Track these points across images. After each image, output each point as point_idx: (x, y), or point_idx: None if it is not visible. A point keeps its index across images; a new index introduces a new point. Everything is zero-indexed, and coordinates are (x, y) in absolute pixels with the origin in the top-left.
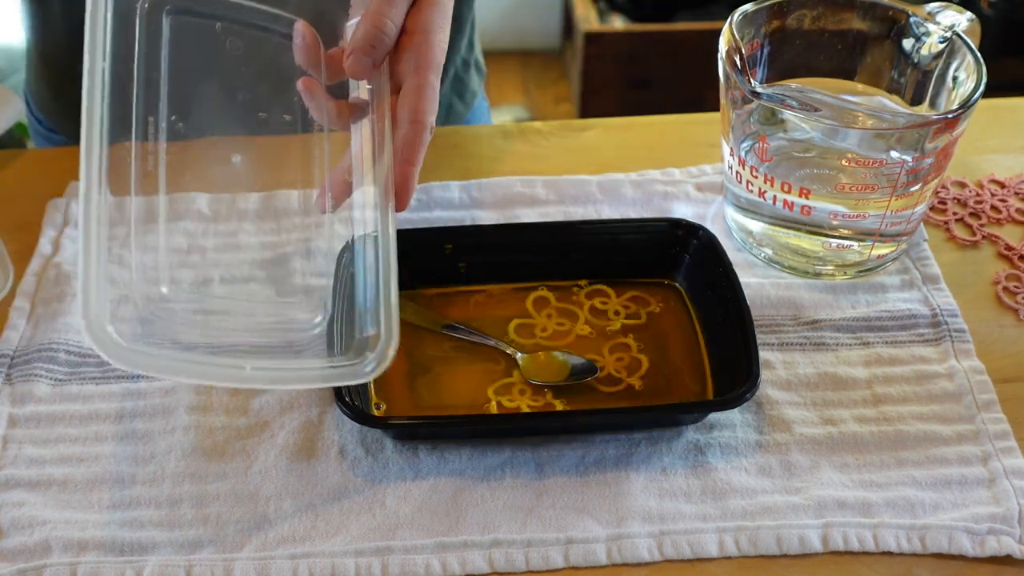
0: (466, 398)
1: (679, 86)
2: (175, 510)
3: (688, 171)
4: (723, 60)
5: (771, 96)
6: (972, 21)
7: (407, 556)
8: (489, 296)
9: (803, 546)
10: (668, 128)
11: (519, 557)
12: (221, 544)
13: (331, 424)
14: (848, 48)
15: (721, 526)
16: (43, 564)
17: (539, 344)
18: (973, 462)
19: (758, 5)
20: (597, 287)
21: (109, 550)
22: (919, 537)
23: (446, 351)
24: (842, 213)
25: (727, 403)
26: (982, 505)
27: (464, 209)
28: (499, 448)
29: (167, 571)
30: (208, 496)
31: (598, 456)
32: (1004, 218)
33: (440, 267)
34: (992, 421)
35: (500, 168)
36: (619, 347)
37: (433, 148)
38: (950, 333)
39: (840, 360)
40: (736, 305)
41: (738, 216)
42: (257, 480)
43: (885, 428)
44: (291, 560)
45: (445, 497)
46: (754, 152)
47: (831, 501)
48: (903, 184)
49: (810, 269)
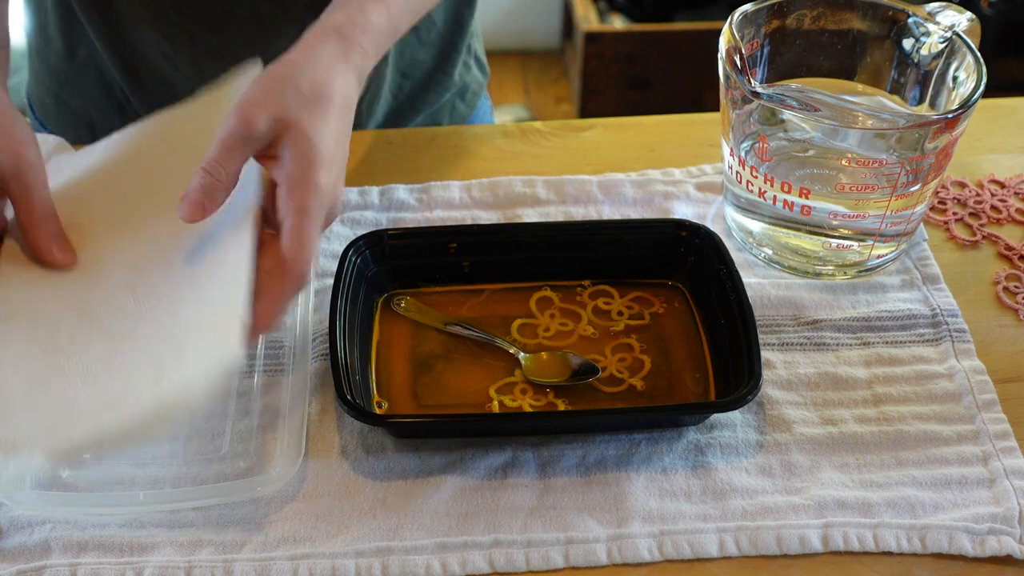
0: (468, 397)
1: (679, 86)
2: (175, 510)
3: (688, 171)
4: (723, 60)
5: (771, 96)
6: (972, 21)
7: (407, 556)
8: (492, 295)
9: (803, 546)
10: (668, 128)
11: (519, 557)
12: (221, 545)
13: (332, 422)
14: (848, 48)
15: (721, 526)
16: (43, 565)
17: (542, 344)
18: (973, 462)
19: (758, 5)
20: (601, 287)
21: (109, 550)
22: (919, 537)
23: (448, 350)
24: (842, 213)
25: (729, 404)
26: (982, 505)
27: (464, 209)
28: (500, 448)
29: (167, 572)
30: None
31: (599, 456)
32: (1004, 218)
33: (444, 266)
34: (992, 421)
35: (500, 168)
36: (621, 347)
37: (433, 148)
38: (950, 333)
39: (840, 360)
40: (739, 306)
41: (738, 216)
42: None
43: (885, 428)
44: (291, 561)
45: (446, 497)
46: (754, 152)
47: (831, 501)
48: (903, 184)
49: (810, 269)
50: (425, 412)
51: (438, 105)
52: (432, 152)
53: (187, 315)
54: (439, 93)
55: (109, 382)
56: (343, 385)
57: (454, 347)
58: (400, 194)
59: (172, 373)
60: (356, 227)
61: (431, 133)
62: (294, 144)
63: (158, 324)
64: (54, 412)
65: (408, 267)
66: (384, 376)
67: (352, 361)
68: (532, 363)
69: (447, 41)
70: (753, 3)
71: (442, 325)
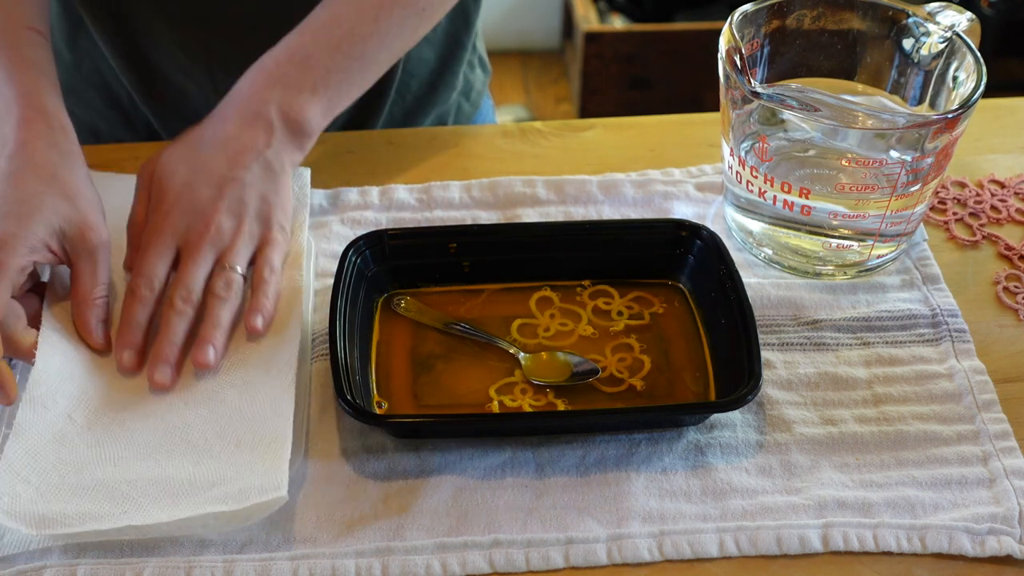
0: (468, 397)
1: (679, 86)
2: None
3: (688, 171)
4: (723, 60)
5: (771, 96)
6: (972, 21)
7: (407, 557)
8: (492, 295)
9: (803, 546)
10: (668, 128)
11: (519, 557)
12: (222, 545)
13: (332, 422)
14: (848, 48)
15: (721, 526)
16: (43, 565)
17: (541, 344)
18: (973, 462)
19: (758, 5)
20: (601, 287)
21: (109, 551)
22: (919, 537)
23: (448, 350)
24: (842, 213)
25: (728, 404)
26: (982, 505)
27: (464, 209)
28: (500, 448)
29: (167, 572)
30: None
31: (599, 456)
32: (1004, 218)
33: (444, 266)
34: (992, 421)
35: (500, 168)
36: (621, 347)
37: (433, 148)
38: (950, 333)
39: (840, 360)
40: (739, 306)
41: (738, 216)
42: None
43: (885, 428)
44: (291, 561)
45: (446, 497)
46: (754, 152)
47: (831, 501)
48: (903, 184)
49: (810, 269)
50: (425, 412)
51: (445, 106)
52: (432, 152)
53: (234, 433)
54: (446, 93)
55: (151, 483)
56: (343, 385)
57: (454, 347)
58: (400, 194)
59: (215, 492)
60: (356, 227)
61: (431, 133)
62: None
63: (204, 437)
64: (92, 500)
65: (408, 267)
66: (384, 376)
67: (352, 361)
68: (532, 363)
69: (453, 39)
70: (753, 3)
71: (442, 325)
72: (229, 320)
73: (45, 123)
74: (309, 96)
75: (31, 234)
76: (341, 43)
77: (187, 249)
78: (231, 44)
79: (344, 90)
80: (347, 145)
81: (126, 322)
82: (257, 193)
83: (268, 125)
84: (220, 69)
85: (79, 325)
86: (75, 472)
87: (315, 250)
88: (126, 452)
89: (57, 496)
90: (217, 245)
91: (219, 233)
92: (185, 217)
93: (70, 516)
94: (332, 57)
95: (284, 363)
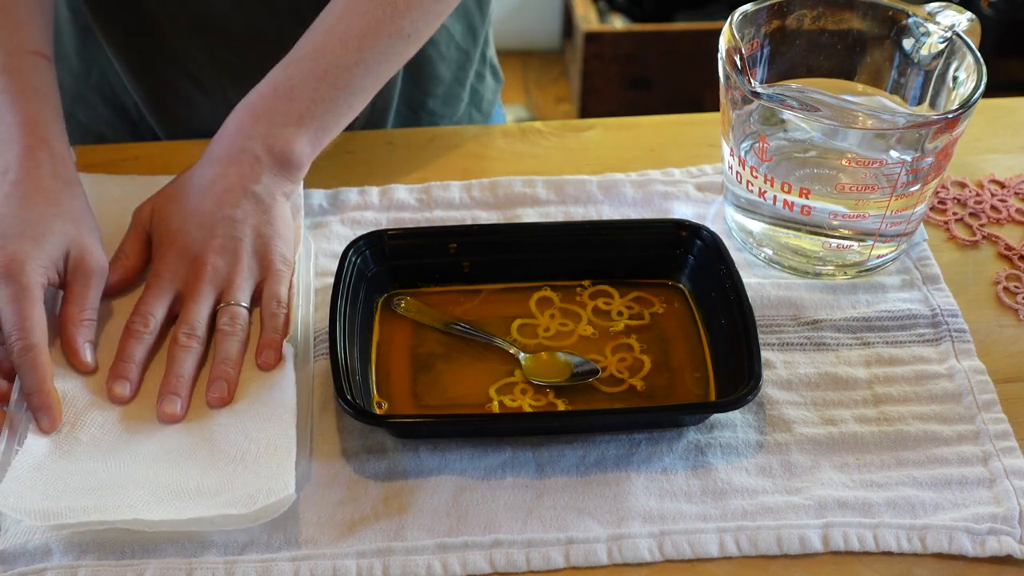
0: (468, 397)
1: (679, 86)
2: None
3: (688, 171)
4: (723, 60)
5: (771, 96)
6: (972, 21)
7: (408, 557)
8: (492, 295)
9: (803, 546)
10: (668, 128)
11: (520, 557)
12: (223, 546)
13: (332, 423)
14: (848, 48)
15: (721, 526)
16: (43, 567)
17: (541, 344)
18: (973, 462)
19: (758, 5)
20: (601, 287)
21: (109, 552)
22: (919, 537)
23: (448, 350)
24: (842, 213)
25: (729, 404)
26: (982, 505)
27: (464, 209)
28: (500, 448)
29: (168, 574)
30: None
31: (599, 456)
32: (1004, 218)
33: (444, 266)
34: (992, 421)
35: (500, 168)
36: (622, 347)
37: (433, 148)
38: (950, 333)
39: (840, 360)
40: (739, 306)
41: (738, 216)
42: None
43: (885, 428)
44: (292, 562)
45: (446, 497)
46: (754, 152)
47: (831, 501)
48: (903, 184)
49: (810, 269)
50: (425, 412)
51: (454, 119)
52: (432, 152)
53: (238, 448)
54: (455, 107)
55: (158, 487)
56: (343, 385)
57: (454, 347)
58: (400, 194)
59: (223, 499)
60: (356, 227)
61: (431, 133)
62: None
63: (209, 452)
64: (100, 497)
65: (408, 267)
66: (384, 376)
67: (352, 361)
68: (532, 363)
69: (463, 53)
70: (753, 3)
71: (442, 325)
72: (238, 353)
73: (48, 152)
74: (295, 128)
75: (46, 255)
76: (326, 74)
77: (187, 291)
78: (240, 54)
79: (331, 120)
80: (347, 145)
81: (120, 356)
82: (251, 228)
83: (254, 160)
84: (229, 79)
85: (65, 344)
86: (81, 478)
87: (315, 250)
88: (132, 462)
89: (63, 495)
90: (216, 284)
91: (216, 272)
92: (181, 261)
93: (75, 509)
94: (317, 88)
95: (285, 373)
